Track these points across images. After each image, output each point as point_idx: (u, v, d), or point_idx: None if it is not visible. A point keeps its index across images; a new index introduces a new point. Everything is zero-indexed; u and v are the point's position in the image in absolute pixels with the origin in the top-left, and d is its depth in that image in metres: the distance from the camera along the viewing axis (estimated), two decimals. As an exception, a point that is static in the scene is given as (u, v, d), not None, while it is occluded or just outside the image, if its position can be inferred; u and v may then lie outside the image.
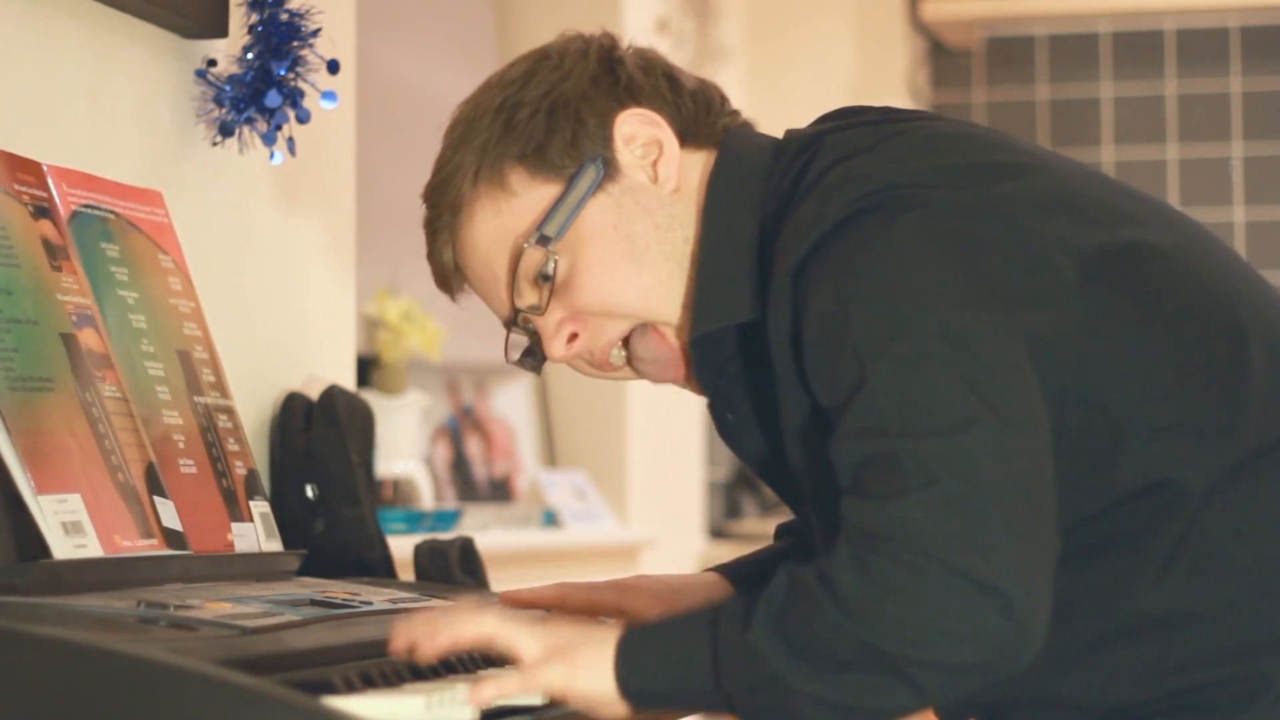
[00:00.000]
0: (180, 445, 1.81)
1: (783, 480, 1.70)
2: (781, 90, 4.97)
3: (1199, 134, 5.46)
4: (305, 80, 2.06)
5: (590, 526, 3.88)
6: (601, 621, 1.82)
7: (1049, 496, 1.46)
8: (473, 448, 3.94)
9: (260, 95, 2.03)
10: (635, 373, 1.74)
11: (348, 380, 2.35)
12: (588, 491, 4.00)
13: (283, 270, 2.24)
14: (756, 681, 1.45)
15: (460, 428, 3.92)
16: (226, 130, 2.04)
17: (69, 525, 1.60)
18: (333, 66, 2.09)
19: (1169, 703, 1.55)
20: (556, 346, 1.70)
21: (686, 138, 1.71)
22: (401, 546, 2.20)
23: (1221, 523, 1.54)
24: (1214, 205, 5.39)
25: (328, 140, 2.33)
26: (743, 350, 1.68)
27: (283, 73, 2.03)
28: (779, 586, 1.46)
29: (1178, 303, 1.57)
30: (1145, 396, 1.54)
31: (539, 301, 1.69)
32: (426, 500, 3.30)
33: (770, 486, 1.78)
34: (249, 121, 2.04)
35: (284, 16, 2.05)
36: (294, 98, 2.05)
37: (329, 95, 2.10)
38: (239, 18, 2.08)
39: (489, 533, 3.28)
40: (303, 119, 2.06)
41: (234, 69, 2.05)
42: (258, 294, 2.19)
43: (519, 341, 1.74)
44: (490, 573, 2.19)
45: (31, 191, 1.74)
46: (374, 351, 3.38)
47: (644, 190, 1.69)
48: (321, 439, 2.13)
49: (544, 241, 1.67)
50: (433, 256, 1.75)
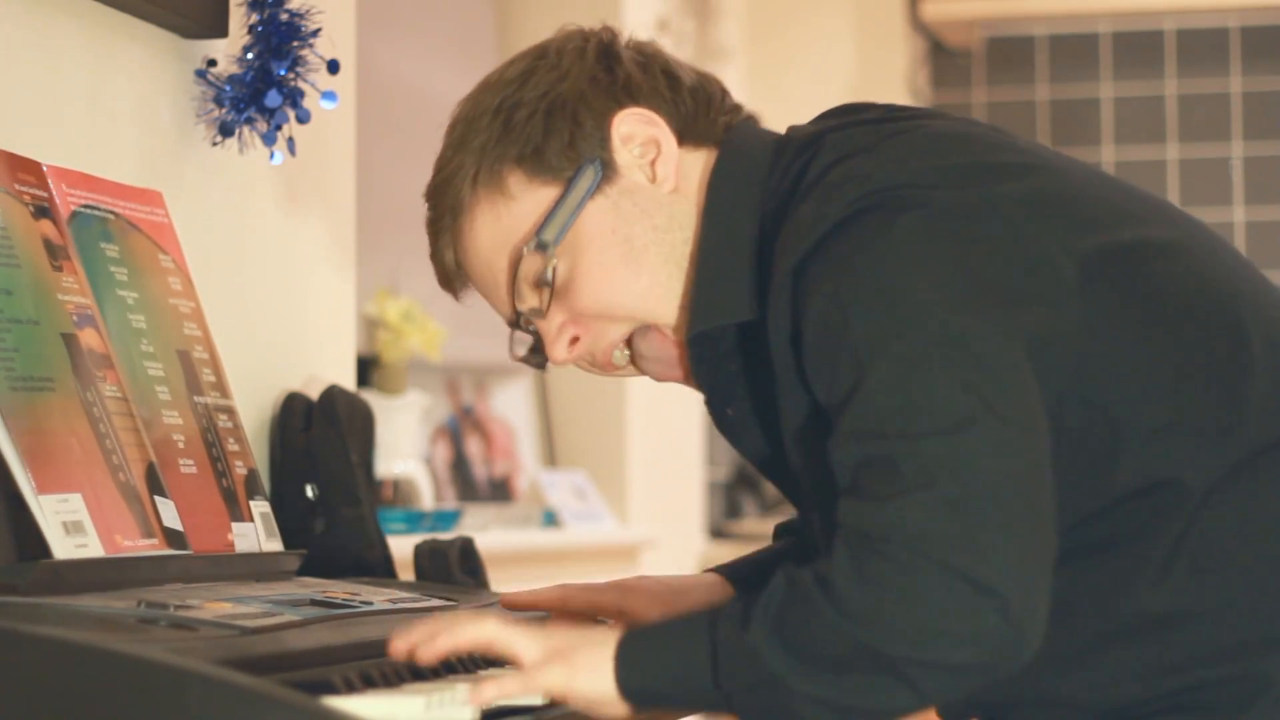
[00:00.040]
0: (180, 445, 1.81)
1: (784, 476, 1.70)
2: (781, 90, 4.97)
3: (1199, 134, 5.46)
4: (305, 80, 2.06)
5: (590, 526, 3.88)
6: (601, 623, 1.82)
7: (1047, 497, 1.46)
8: (473, 448, 3.94)
9: (260, 95, 2.03)
10: (639, 370, 1.74)
11: (348, 380, 2.35)
12: (588, 491, 4.00)
13: (283, 270, 2.24)
14: (755, 682, 1.45)
15: (460, 428, 3.92)
16: (226, 130, 2.04)
17: (70, 525, 1.60)
18: (333, 66, 2.09)
19: (1169, 702, 1.55)
20: (559, 350, 1.71)
21: (685, 136, 1.71)
22: (401, 546, 2.20)
23: (1221, 522, 1.54)
24: (1214, 205, 5.39)
25: (328, 140, 2.32)
26: (742, 349, 1.68)
27: (283, 73, 2.03)
28: (777, 587, 1.46)
29: (1178, 302, 1.57)
30: (1145, 396, 1.54)
31: (540, 305, 1.69)
32: (426, 500, 3.30)
33: (771, 482, 1.78)
34: (249, 121, 2.04)
35: (284, 16, 2.05)
36: (294, 98, 2.05)
37: (329, 95, 2.10)
38: (239, 18, 2.08)
39: (489, 533, 3.27)
40: (303, 119, 2.06)
41: (234, 69, 2.05)
42: (258, 294, 2.19)
43: (523, 338, 1.74)
44: (490, 573, 2.18)
45: (32, 191, 1.74)
46: (374, 351, 3.38)
47: (642, 191, 1.69)
48: (321, 439, 2.13)
49: (543, 247, 1.67)
50: (435, 257, 1.75)
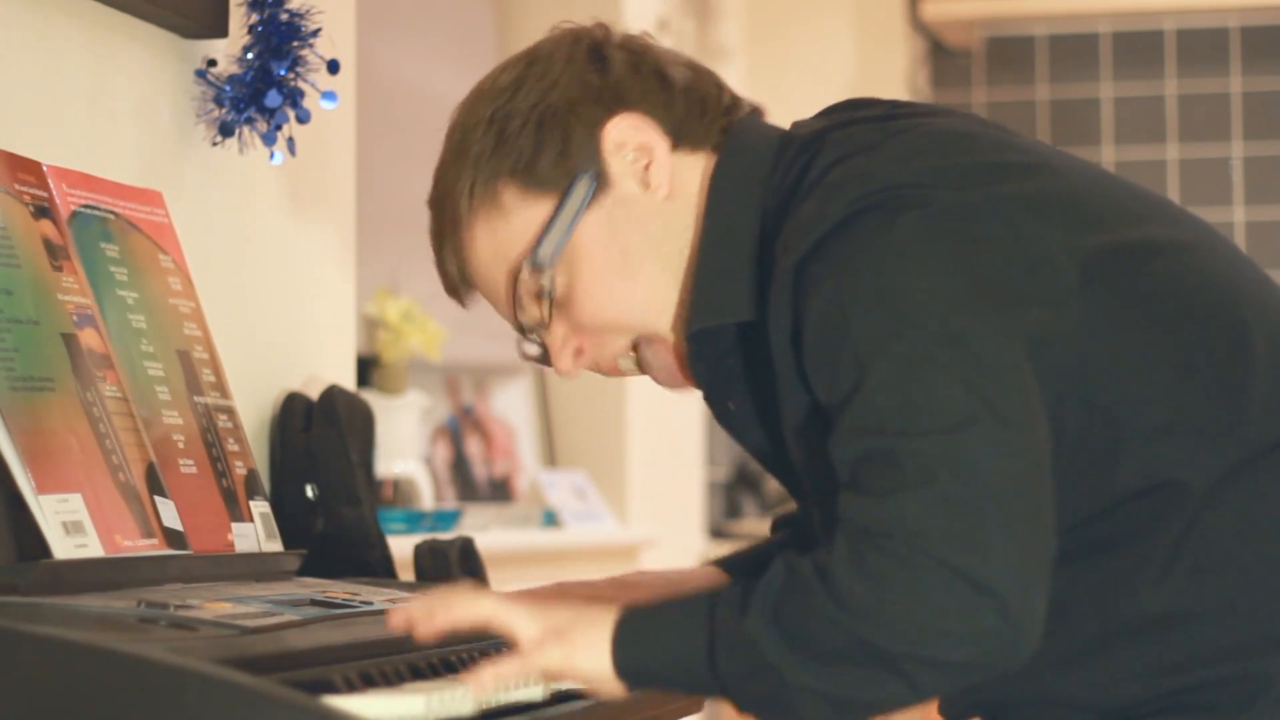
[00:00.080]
0: (180, 445, 1.81)
1: (786, 471, 1.70)
2: (781, 90, 4.97)
3: (1199, 134, 5.46)
4: (305, 80, 2.06)
5: (590, 526, 3.88)
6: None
7: (1047, 496, 1.46)
8: (473, 448, 3.94)
9: (260, 95, 2.03)
10: (650, 376, 1.75)
11: (348, 380, 2.35)
12: (588, 491, 4.00)
13: (283, 270, 2.24)
14: (751, 670, 1.45)
15: (460, 428, 3.92)
16: (226, 130, 2.04)
17: (70, 525, 1.60)
18: (333, 66, 2.09)
19: (1169, 702, 1.55)
20: (564, 361, 1.71)
21: (680, 140, 1.69)
22: (401, 546, 2.20)
23: (1222, 522, 1.54)
24: (1214, 205, 5.39)
25: (328, 140, 2.32)
26: (742, 347, 1.67)
27: (283, 73, 2.03)
28: (776, 575, 1.46)
29: (1179, 302, 1.57)
30: (1145, 396, 1.54)
31: (542, 317, 1.69)
32: (426, 500, 3.30)
33: (773, 475, 1.79)
34: (249, 121, 2.04)
35: (284, 16, 2.05)
36: (294, 98, 2.05)
37: (329, 95, 2.10)
38: (239, 18, 2.08)
39: (489, 533, 3.28)
40: (303, 119, 2.06)
41: (234, 69, 2.05)
42: (258, 294, 2.19)
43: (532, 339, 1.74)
44: (490, 573, 2.19)
45: (32, 191, 1.74)
46: (374, 351, 3.38)
47: (636, 200, 1.68)
48: (321, 439, 2.13)
49: (539, 265, 1.67)
50: (439, 268, 1.75)
